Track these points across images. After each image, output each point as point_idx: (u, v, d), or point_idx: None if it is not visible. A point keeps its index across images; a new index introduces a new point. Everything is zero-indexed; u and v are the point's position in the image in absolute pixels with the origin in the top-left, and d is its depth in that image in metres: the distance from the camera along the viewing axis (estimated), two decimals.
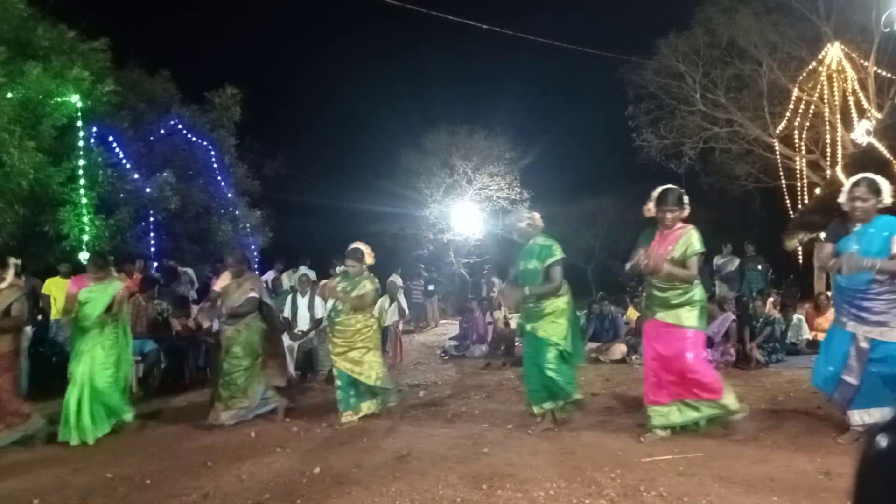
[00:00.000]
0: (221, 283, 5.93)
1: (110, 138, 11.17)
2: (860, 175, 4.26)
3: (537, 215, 5.21)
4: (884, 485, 0.97)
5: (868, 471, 0.99)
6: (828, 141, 14.42)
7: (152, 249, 11.76)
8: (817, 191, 13.97)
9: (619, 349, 8.72)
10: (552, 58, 24.28)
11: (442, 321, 15.98)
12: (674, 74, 17.28)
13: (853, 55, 14.09)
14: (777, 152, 16.12)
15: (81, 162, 10.17)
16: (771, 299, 9.73)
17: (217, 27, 30.29)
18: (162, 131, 12.85)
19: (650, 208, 4.61)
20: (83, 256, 9.66)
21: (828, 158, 14.50)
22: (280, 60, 31.04)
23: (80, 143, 10.25)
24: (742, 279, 11.89)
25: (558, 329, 4.96)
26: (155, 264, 11.28)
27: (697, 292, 4.60)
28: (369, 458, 4.49)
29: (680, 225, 4.59)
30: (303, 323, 8.25)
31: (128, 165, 11.35)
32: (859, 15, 14.26)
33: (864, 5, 14.01)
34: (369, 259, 5.93)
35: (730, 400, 4.54)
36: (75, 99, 10.11)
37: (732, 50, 16.45)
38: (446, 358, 9.70)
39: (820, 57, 14.17)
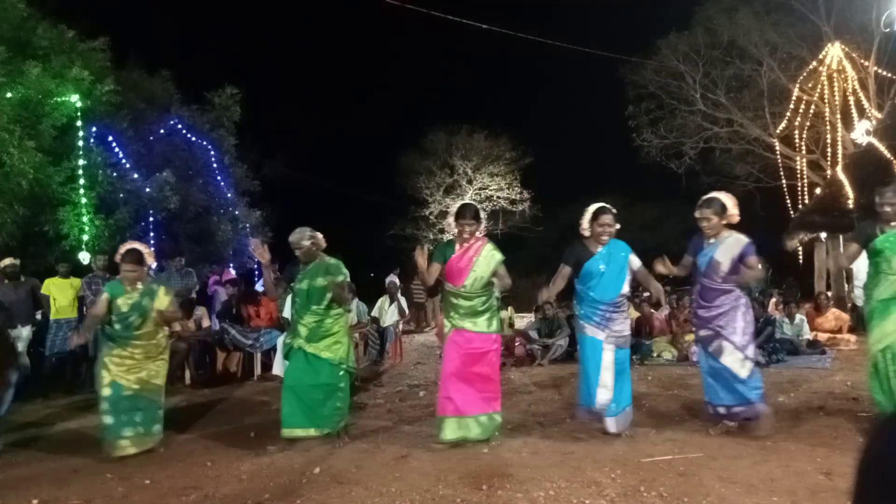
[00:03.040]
0: None
1: (110, 138, 11.16)
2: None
3: (320, 235, 5.14)
4: (884, 485, 0.97)
5: (868, 471, 1.00)
6: (828, 141, 14.43)
7: (152, 249, 11.73)
8: (818, 191, 13.98)
9: None
10: (553, 57, 24.35)
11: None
12: (674, 74, 17.30)
13: (853, 55, 14.10)
14: (777, 152, 16.13)
15: (81, 162, 10.16)
16: (773, 300, 9.71)
17: (217, 27, 30.31)
18: (162, 131, 12.83)
19: (450, 223, 4.82)
20: (83, 256, 9.66)
21: (828, 158, 14.51)
22: (280, 60, 31.05)
23: (80, 143, 10.24)
24: None
25: (342, 349, 4.97)
26: (155, 264, 11.24)
27: (495, 299, 4.87)
28: (369, 459, 4.48)
29: (477, 238, 4.79)
30: None
31: (127, 165, 11.34)
32: (860, 15, 14.27)
33: (864, 5, 14.02)
34: (150, 259, 5.25)
35: (499, 415, 4.80)
36: (75, 99, 10.10)
37: (733, 50, 16.46)
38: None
39: (820, 57, 14.18)
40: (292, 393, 4.91)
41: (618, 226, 4.86)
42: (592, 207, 4.89)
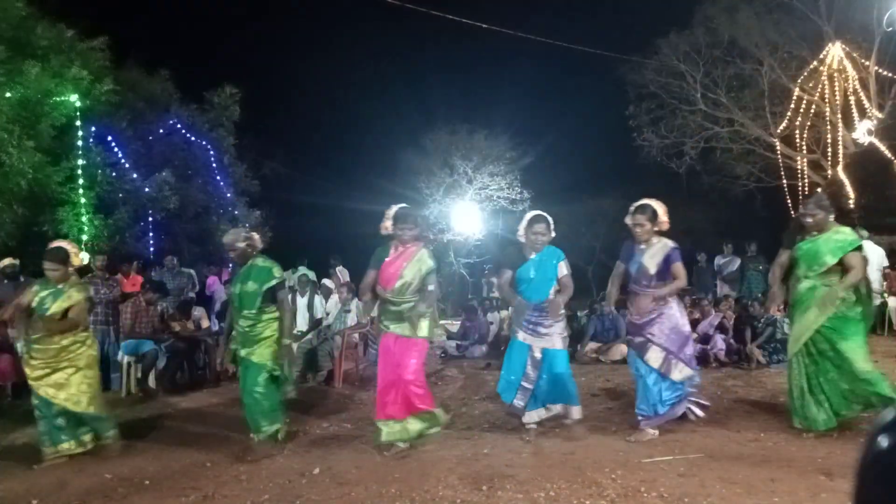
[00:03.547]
0: None
1: (109, 138, 11.16)
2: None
3: (256, 236, 5.02)
4: (884, 485, 0.96)
5: (869, 471, 0.99)
6: (829, 140, 14.42)
7: (151, 249, 11.75)
8: (818, 190, 13.96)
9: (620, 350, 8.68)
10: (552, 58, 24.28)
11: (442, 321, 15.96)
12: (675, 74, 17.27)
13: (854, 55, 14.09)
14: (778, 152, 16.11)
15: (80, 161, 10.16)
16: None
17: (216, 27, 30.28)
18: (161, 131, 12.84)
19: (387, 226, 4.74)
20: (82, 256, 9.64)
21: (829, 158, 14.49)
22: (279, 60, 30.99)
23: (79, 143, 10.25)
24: (743, 279, 11.87)
25: (272, 353, 4.82)
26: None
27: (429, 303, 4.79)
28: (369, 459, 4.48)
29: (413, 243, 4.75)
30: (302, 323, 8.23)
31: (126, 165, 11.34)
32: (860, 14, 14.25)
33: (865, 5, 14.01)
34: (76, 260, 5.01)
35: (439, 410, 4.80)
36: (74, 98, 10.10)
37: (733, 49, 16.44)
38: (446, 358, 9.68)
39: (821, 56, 14.17)
40: (242, 399, 4.87)
41: (553, 234, 4.93)
42: (529, 215, 5.01)
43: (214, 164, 13.91)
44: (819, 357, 4.57)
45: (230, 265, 13.57)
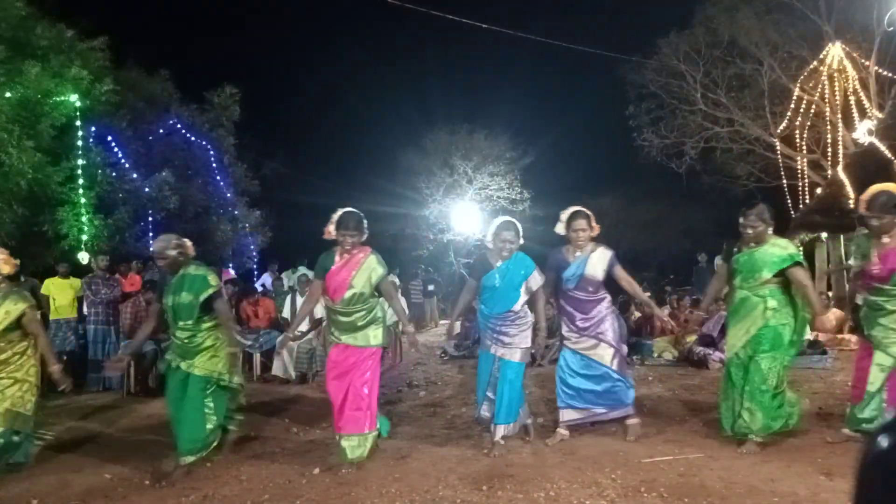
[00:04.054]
0: None
1: (109, 138, 11.16)
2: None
3: (188, 243, 4.65)
4: (884, 485, 0.96)
5: (869, 471, 0.99)
6: (829, 141, 14.39)
7: (151, 249, 11.74)
8: (818, 190, 13.95)
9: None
10: (552, 58, 24.34)
11: (442, 321, 15.96)
12: (675, 74, 17.27)
13: (854, 55, 14.07)
14: (778, 152, 16.10)
15: (80, 161, 10.16)
16: None
17: (216, 26, 30.29)
18: (161, 131, 12.84)
19: (330, 231, 4.51)
20: (82, 256, 9.65)
21: (829, 158, 14.47)
22: (279, 60, 31.02)
23: (79, 143, 10.25)
24: None
25: (220, 362, 4.53)
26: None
27: (379, 309, 4.64)
28: (369, 459, 4.47)
29: (359, 249, 4.54)
30: (302, 323, 8.23)
31: (126, 165, 11.34)
32: (860, 14, 14.25)
33: (865, 5, 14.00)
34: (6, 268, 4.68)
35: (375, 431, 4.55)
36: (74, 98, 10.10)
37: (733, 49, 16.43)
38: (446, 358, 9.67)
39: (821, 56, 14.14)
40: (174, 416, 4.47)
41: (521, 241, 4.74)
42: (497, 221, 4.80)
43: (214, 164, 13.91)
44: (745, 366, 4.54)
45: (229, 265, 13.61)
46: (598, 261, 4.83)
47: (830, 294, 11.51)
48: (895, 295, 4.24)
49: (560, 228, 4.94)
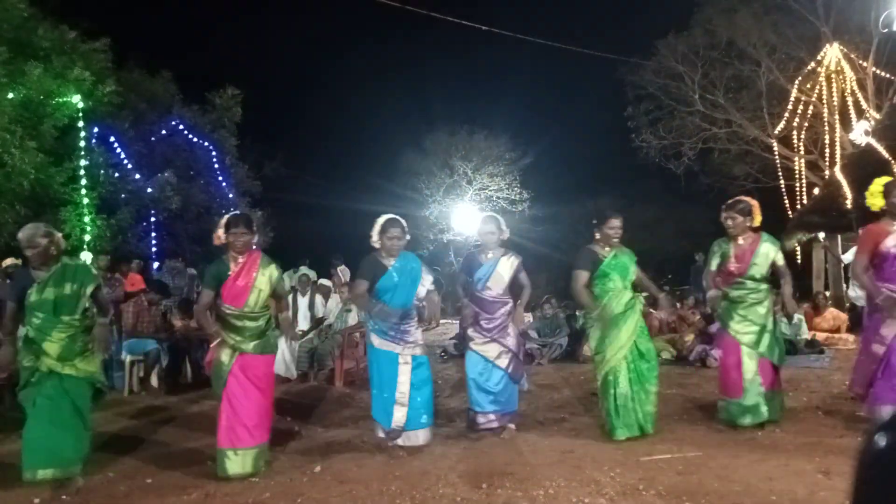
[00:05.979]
0: None
1: (111, 138, 11.21)
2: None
3: (59, 235, 4.35)
4: (883, 484, 0.97)
5: (867, 470, 1.00)
6: (826, 141, 14.44)
7: (153, 249, 11.79)
8: (816, 191, 14.00)
9: None
10: (552, 58, 24.36)
11: (442, 321, 16.00)
12: (673, 75, 17.32)
13: (852, 56, 14.13)
14: (776, 153, 16.15)
15: (83, 162, 10.21)
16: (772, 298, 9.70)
17: (218, 28, 30.31)
18: (163, 132, 12.89)
19: (220, 235, 4.31)
20: (84, 256, 9.69)
21: (826, 158, 14.53)
22: (281, 61, 31.05)
23: (82, 144, 10.29)
24: None
25: (95, 363, 4.28)
26: (157, 264, 11.28)
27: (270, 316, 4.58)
28: (370, 457, 4.51)
29: (252, 251, 4.42)
30: (303, 322, 8.27)
31: (129, 166, 11.39)
32: (858, 15, 14.30)
33: (862, 6, 14.05)
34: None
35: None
36: (76, 99, 10.14)
37: (731, 50, 16.49)
38: (446, 358, 9.71)
39: (819, 57, 14.20)
40: (39, 425, 4.02)
41: (408, 237, 4.70)
42: (381, 219, 4.67)
43: (216, 165, 13.95)
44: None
45: None
46: (509, 265, 5.09)
47: (828, 294, 11.55)
48: (753, 288, 4.88)
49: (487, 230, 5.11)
